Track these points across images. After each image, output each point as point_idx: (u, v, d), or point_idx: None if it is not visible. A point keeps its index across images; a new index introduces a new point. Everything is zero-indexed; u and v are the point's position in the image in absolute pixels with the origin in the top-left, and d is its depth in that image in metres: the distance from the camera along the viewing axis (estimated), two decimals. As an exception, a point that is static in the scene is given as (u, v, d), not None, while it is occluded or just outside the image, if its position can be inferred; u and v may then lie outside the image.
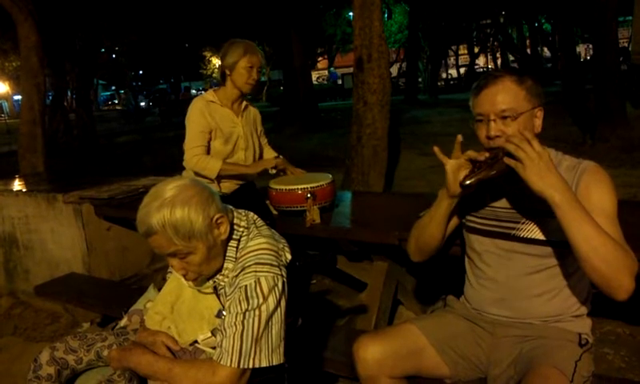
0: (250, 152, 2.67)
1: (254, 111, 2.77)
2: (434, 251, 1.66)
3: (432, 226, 1.60)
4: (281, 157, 2.78)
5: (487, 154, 1.40)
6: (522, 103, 1.41)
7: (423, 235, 1.64)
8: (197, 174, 2.50)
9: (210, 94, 2.58)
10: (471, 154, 1.43)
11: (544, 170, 1.27)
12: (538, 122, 1.46)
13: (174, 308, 1.47)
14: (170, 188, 1.31)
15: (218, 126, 2.52)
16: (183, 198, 1.30)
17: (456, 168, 1.45)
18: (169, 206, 1.28)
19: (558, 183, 1.28)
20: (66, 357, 1.55)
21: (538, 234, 1.46)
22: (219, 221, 1.34)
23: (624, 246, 1.30)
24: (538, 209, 1.44)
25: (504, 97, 1.41)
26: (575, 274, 1.47)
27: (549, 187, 1.27)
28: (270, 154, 2.85)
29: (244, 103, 2.65)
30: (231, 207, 1.46)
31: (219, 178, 2.54)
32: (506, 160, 1.33)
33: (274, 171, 2.71)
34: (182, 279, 1.44)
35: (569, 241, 1.28)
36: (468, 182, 1.39)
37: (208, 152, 2.54)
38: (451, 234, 1.68)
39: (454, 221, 1.65)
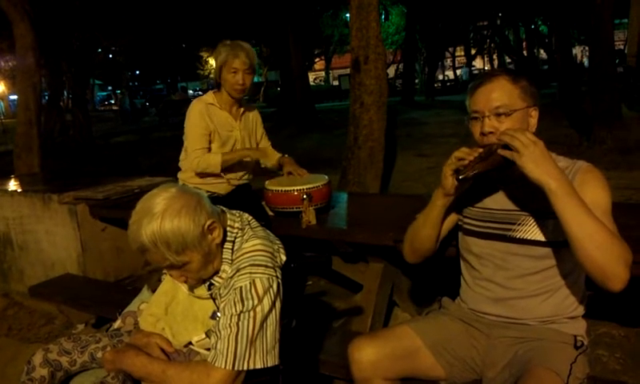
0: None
1: (253, 115, 2.73)
2: (429, 252, 1.66)
3: (427, 227, 1.60)
4: (286, 156, 2.73)
5: (481, 150, 1.41)
6: (516, 101, 1.43)
7: (418, 236, 1.64)
8: (201, 174, 2.51)
9: (209, 96, 2.56)
10: (465, 149, 1.44)
11: (540, 158, 1.28)
12: (533, 122, 1.47)
13: (169, 309, 1.46)
14: (157, 202, 1.29)
15: (216, 129, 2.52)
16: (172, 211, 1.28)
17: (452, 164, 1.46)
18: (158, 221, 1.26)
19: (553, 170, 1.28)
20: (60, 359, 1.54)
21: (533, 235, 1.46)
22: (211, 226, 1.34)
23: (618, 236, 1.30)
24: (533, 209, 1.44)
25: (498, 94, 1.43)
26: (571, 275, 1.48)
27: (544, 174, 1.27)
28: (274, 155, 2.76)
29: (242, 108, 2.64)
30: (223, 208, 1.45)
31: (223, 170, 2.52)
32: (501, 151, 1.33)
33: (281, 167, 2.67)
34: (177, 281, 1.43)
35: (564, 229, 1.28)
36: (462, 177, 1.39)
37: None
38: (446, 235, 1.68)
39: (449, 222, 1.65)
